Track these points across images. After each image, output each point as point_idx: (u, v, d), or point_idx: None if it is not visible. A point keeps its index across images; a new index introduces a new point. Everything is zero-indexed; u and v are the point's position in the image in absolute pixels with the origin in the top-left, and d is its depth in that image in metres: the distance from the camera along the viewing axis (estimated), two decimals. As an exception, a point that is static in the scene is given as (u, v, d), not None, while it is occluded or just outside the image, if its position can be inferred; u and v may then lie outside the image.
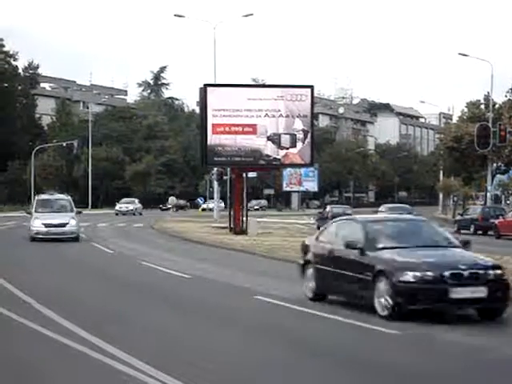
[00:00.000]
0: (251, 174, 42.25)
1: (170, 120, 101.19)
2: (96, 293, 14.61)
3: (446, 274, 10.54)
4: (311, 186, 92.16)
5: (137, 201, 69.92)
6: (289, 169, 77.78)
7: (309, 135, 32.82)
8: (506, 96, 60.26)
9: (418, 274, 10.55)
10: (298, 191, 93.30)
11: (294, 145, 32.49)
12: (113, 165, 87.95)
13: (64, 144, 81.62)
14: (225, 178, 44.55)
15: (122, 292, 15.05)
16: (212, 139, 32.10)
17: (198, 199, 68.87)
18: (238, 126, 32.22)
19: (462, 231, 39.15)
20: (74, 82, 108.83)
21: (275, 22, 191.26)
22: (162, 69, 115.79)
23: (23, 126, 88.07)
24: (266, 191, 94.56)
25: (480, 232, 38.49)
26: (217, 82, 41.68)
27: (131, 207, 66.28)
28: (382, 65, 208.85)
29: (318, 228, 42.14)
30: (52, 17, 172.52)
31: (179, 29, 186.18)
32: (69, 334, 9.78)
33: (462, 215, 43.59)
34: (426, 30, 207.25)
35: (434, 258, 11.15)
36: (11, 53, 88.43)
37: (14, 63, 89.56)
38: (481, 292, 10.60)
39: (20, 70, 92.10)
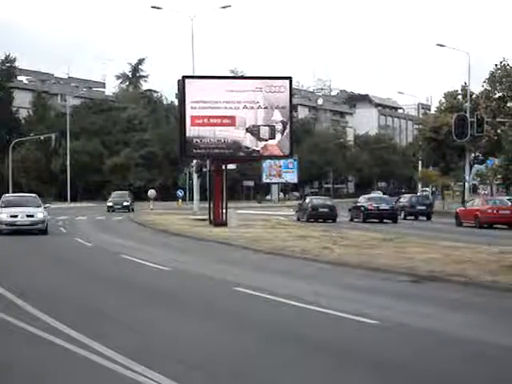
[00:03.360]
0: (230, 166, 42.11)
1: (149, 112, 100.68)
2: (75, 287, 14.53)
3: None
4: (291, 177, 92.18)
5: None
6: (268, 160, 77.78)
7: (288, 126, 32.84)
8: (482, 86, 60.69)
9: None
10: (277, 183, 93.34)
11: (273, 136, 32.50)
12: (91, 158, 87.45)
13: (42, 137, 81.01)
14: (204, 170, 44.44)
15: (101, 286, 14.99)
16: (190, 131, 32.04)
17: (178, 191, 68.52)
18: (216, 117, 32.18)
19: None
20: (52, 74, 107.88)
21: (253, 14, 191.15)
22: (141, 61, 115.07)
23: (0, 119, 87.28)
24: (246, 183, 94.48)
25: (411, 217, 44.01)
26: (195, 74, 41.53)
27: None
28: (360, 56, 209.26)
29: (298, 219, 42.66)
30: (29, 10, 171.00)
31: (156, 20, 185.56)
32: (50, 330, 9.72)
33: (396, 203, 46.16)
34: (403, 20, 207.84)
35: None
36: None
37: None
38: None
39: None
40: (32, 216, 28.62)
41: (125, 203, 56.12)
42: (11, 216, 28.49)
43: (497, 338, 9.41)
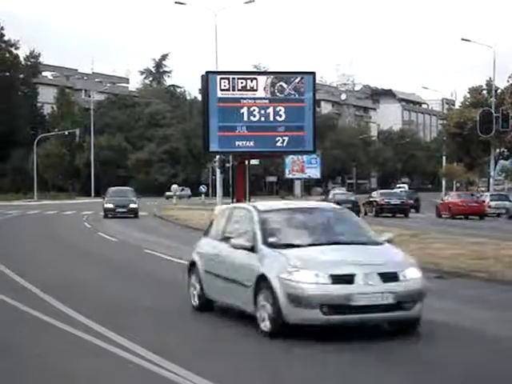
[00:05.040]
0: (253, 162, 42.05)
1: (172, 108, 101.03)
2: (99, 281, 14.66)
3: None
4: (314, 172, 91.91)
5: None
6: (291, 156, 77.65)
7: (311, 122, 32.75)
8: (508, 81, 60.20)
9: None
10: (300, 178, 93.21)
11: (296, 132, 32.44)
12: (115, 153, 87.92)
13: (66, 133, 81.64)
14: (227, 165, 44.50)
15: (125, 280, 15.08)
16: (214, 127, 32.04)
17: (201, 187, 68.64)
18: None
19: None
20: (76, 70, 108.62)
21: (277, 8, 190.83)
22: (164, 56, 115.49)
23: (25, 114, 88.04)
24: (269, 178, 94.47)
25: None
26: (219, 69, 41.52)
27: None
28: (384, 51, 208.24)
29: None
30: (53, 5, 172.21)
31: (180, 16, 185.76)
32: (72, 322, 9.82)
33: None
34: (428, 15, 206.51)
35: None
36: (12, 42, 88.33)
37: (15, 52, 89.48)
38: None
39: (21, 59, 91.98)
40: None
41: (131, 205, 38.71)
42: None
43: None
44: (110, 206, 38.48)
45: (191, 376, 7.10)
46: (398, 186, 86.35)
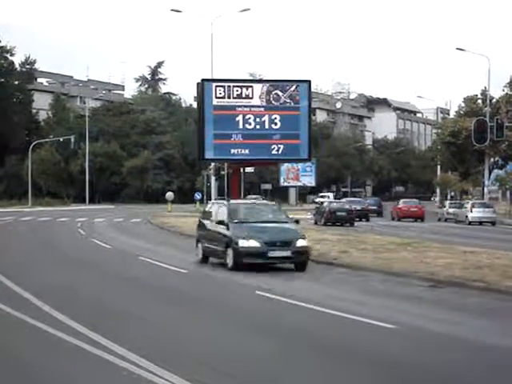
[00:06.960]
0: (248, 169, 42.18)
1: (168, 115, 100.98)
2: (94, 287, 14.61)
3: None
4: (309, 180, 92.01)
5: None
6: (286, 164, 77.73)
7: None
8: (503, 90, 60.44)
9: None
10: (295, 186, 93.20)
11: (291, 140, 32.43)
12: (110, 160, 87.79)
13: (61, 139, 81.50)
14: (222, 172, 44.55)
15: (119, 287, 15.05)
16: (209, 134, 32.00)
17: (196, 194, 68.59)
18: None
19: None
20: (71, 76, 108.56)
21: (272, 17, 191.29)
22: (160, 64, 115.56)
23: (20, 121, 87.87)
24: (264, 186, 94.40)
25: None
26: (214, 77, 41.60)
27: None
28: (379, 59, 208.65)
29: (316, 223, 42.70)
30: (49, 12, 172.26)
31: (176, 24, 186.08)
32: (65, 328, 9.78)
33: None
34: (423, 24, 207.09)
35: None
36: (8, 48, 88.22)
37: (10, 58, 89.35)
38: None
39: (17, 65, 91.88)
40: None
41: (299, 242, 17.73)
42: None
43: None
44: (256, 245, 17.65)
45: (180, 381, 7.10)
46: (320, 195, 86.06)
